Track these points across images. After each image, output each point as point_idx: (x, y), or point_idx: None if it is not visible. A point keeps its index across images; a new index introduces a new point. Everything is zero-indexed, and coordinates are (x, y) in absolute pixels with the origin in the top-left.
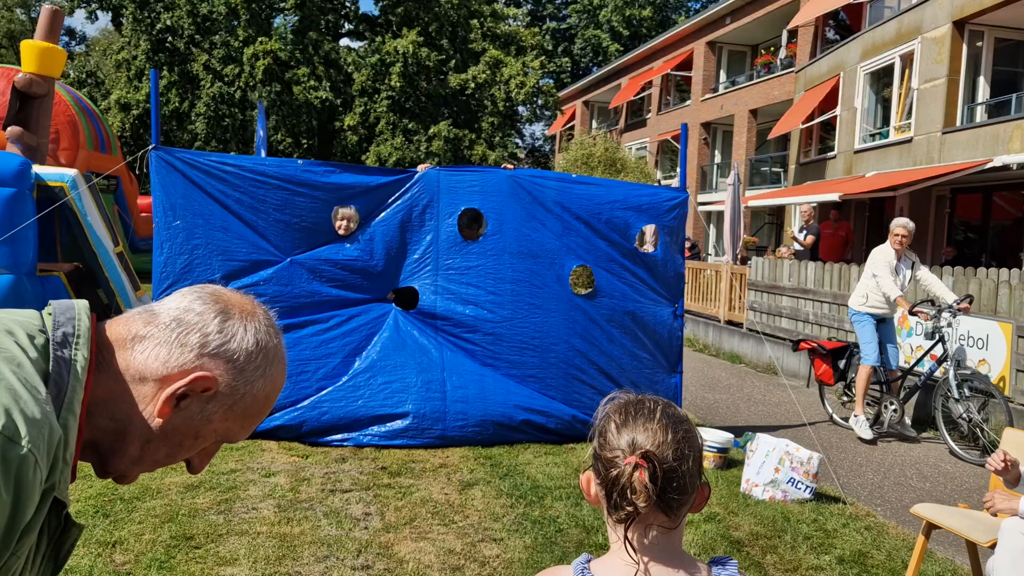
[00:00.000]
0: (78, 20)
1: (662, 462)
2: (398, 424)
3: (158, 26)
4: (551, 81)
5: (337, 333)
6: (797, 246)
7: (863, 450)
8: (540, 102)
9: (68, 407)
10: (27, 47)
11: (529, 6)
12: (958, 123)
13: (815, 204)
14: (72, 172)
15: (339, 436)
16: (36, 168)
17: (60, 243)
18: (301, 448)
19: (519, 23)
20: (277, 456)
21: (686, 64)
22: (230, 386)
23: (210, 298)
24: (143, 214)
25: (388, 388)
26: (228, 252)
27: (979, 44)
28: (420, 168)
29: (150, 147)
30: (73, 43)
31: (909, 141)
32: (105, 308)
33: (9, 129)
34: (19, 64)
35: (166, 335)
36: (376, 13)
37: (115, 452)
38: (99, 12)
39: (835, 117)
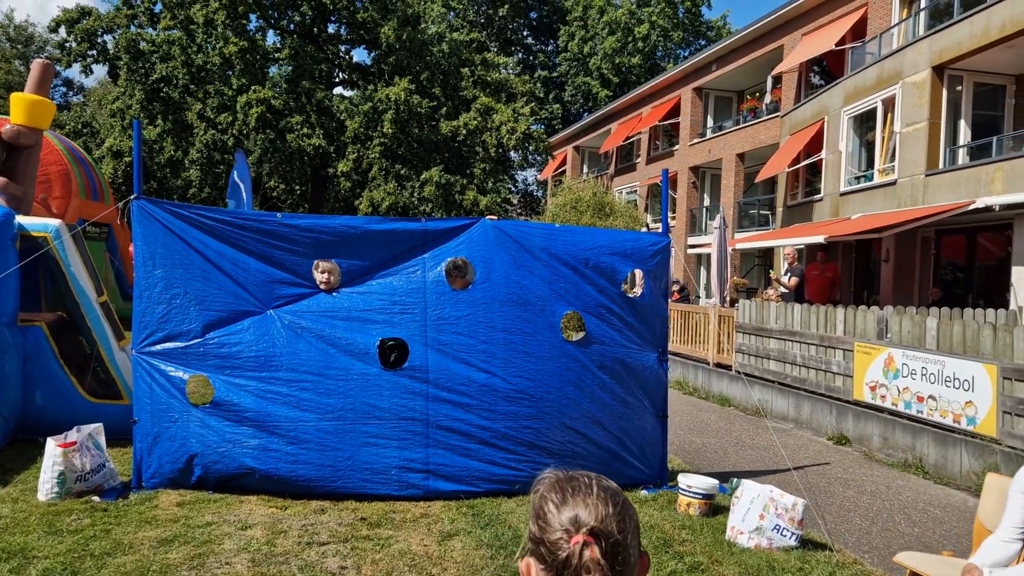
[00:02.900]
0: (76, 71)
1: (608, 536)
2: (378, 480)
3: (153, 76)
4: (542, 127)
5: (312, 394)
6: (783, 289)
7: (851, 495)
8: (531, 148)
9: None
10: (16, 99)
11: (520, 55)
12: (941, 165)
13: (801, 246)
14: (56, 222)
15: (314, 487)
16: (20, 218)
17: (44, 293)
18: (280, 500)
19: (510, 71)
20: (255, 507)
21: (674, 110)
22: None
23: None
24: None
25: (369, 444)
26: (206, 302)
27: (959, 88)
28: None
29: (132, 197)
30: (71, 94)
31: (893, 183)
32: (87, 357)
33: None
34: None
35: None
36: (369, 62)
37: None
38: (95, 65)
39: (820, 160)
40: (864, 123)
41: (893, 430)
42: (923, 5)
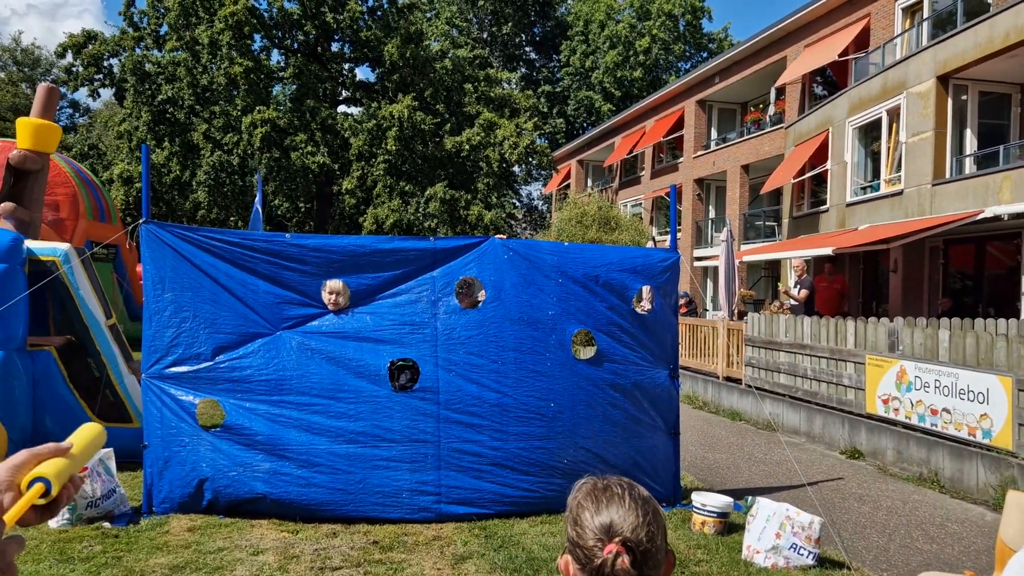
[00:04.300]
0: (82, 94)
1: (638, 545)
2: (390, 503)
3: (159, 97)
4: (545, 141)
5: (323, 417)
6: (792, 301)
7: (866, 511)
8: (534, 162)
9: None
10: (23, 124)
11: (523, 70)
12: (947, 175)
13: (809, 259)
14: (64, 246)
15: (326, 511)
16: (29, 243)
17: (52, 316)
18: (291, 524)
19: (513, 86)
20: (267, 532)
21: (678, 123)
22: None
23: None
24: (141, 282)
25: (381, 467)
26: (216, 325)
27: (964, 97)
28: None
29: (141, 221)
30: (76, 115)
31: (900, 193)
32: (96, 380)
33: (2, 205)
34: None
35: None
36: (372, 80)
37: None
38: (101, 89)
39: (826, 171)
40: (869, 133)
41: (907, 444)
42: (926, 15)
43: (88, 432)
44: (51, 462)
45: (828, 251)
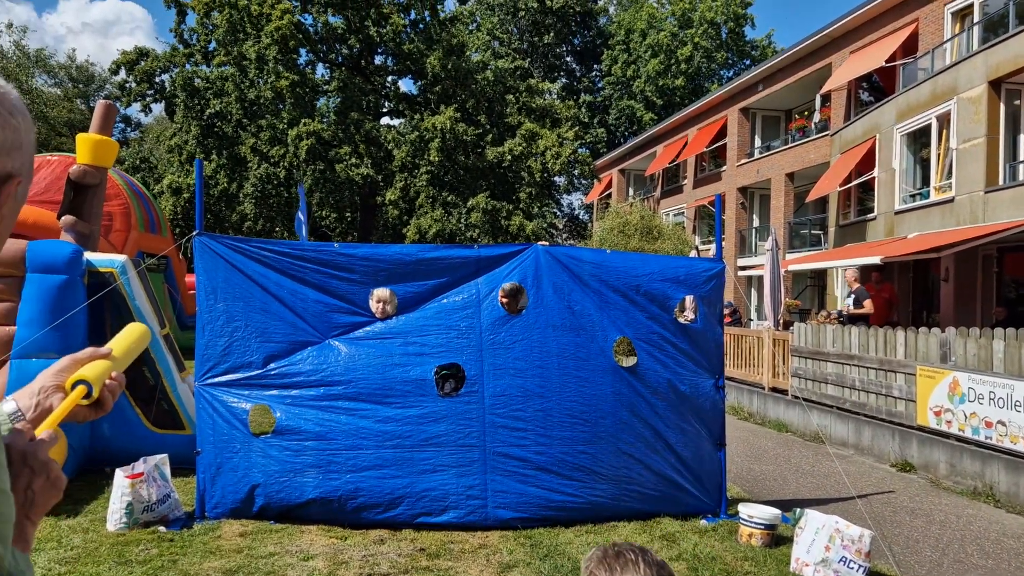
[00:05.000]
0: (134, 109)
1: None
2: (437, 508)
3: (208, 112)
4: (587, 151)
5: (371, 422)
6: (852, 307)
7: (919, 524)
8: (576, 172)
9: None
10: (82, 140)
11: (564, 80)
12: (1001, 182)
13: (858, 268)
14: (122, 258)
15: (375, 517)
16: (87, 254)
17: (109, 326)
18: (339, 530)
19: (554, 97)
20: (316, 538)
21: (721, 131)
22: None
23: None
24: (191, 292)
25: (428, 471)
26: (267, 333)
27: (1016, 102)
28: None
29: (194, 233)
30: (128, 130)
31: (951, 201)
32: (151, 388)
33: (63, 218)
34: (75, 152)
35: None
36: (415, 92)
37: None
38: (153, 104)
39: (873, 179)
40: (918, 140)
41: (960, 456)
42: (976, 19)
43: (128, 334)
44: (92, 365)
45: (876, 260)
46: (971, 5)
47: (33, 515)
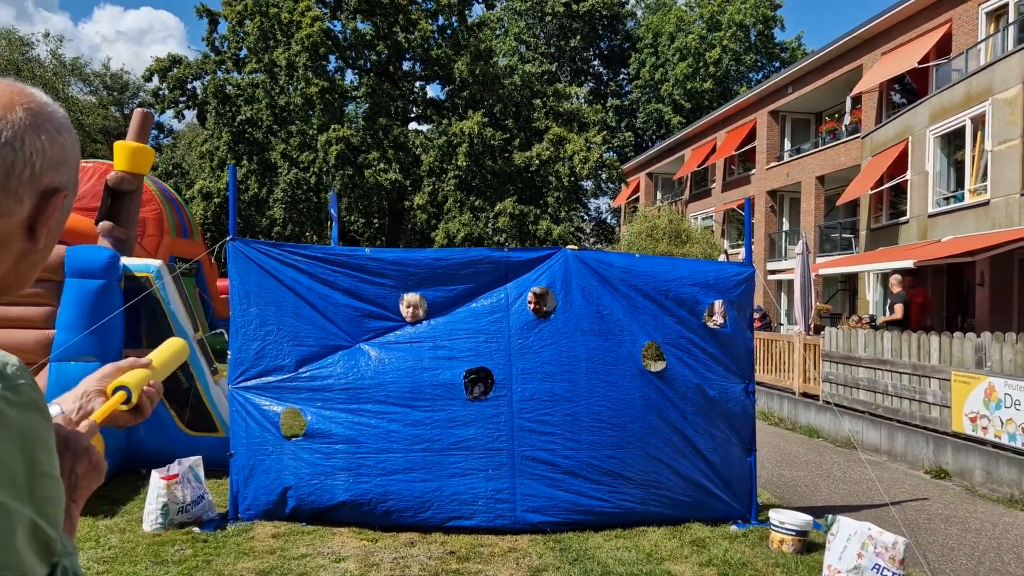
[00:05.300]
0: (167, 116)
1: None
2: (466, 511)
3: (239, 118)
4: (614, 155)
5: (400, 425)
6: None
7: (954, 532)
8: (604, 176)
9: None
10: (119, 147)
11: (591, 84)
12: None
13: (902, 273)
14: (157, 263)
15: (404, 520)
16: (124, 260)
17: (145, 330)
18: (370, 532)
19: (581, 101)
20: (347, 540)
21: (750, 134)
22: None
23: None
24: (222, 296)
25: (457, 475)
26: (299, 337)
27: None
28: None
29: (228, 239)
30: (161, 136)
31: (986, 204)
32: (185, 392)
33: (101, 224)
34: (112, 160)
35: None
36: (443, 97)
37: None
38: (185, 111)
39: (905, 181)
40: (952, 142)
41: (997, 463)
42: (1012, 19)
43: (168, 347)
44: (132, 372)
45: (909, 264)
46: (1006, 5)
47: (77, 498)
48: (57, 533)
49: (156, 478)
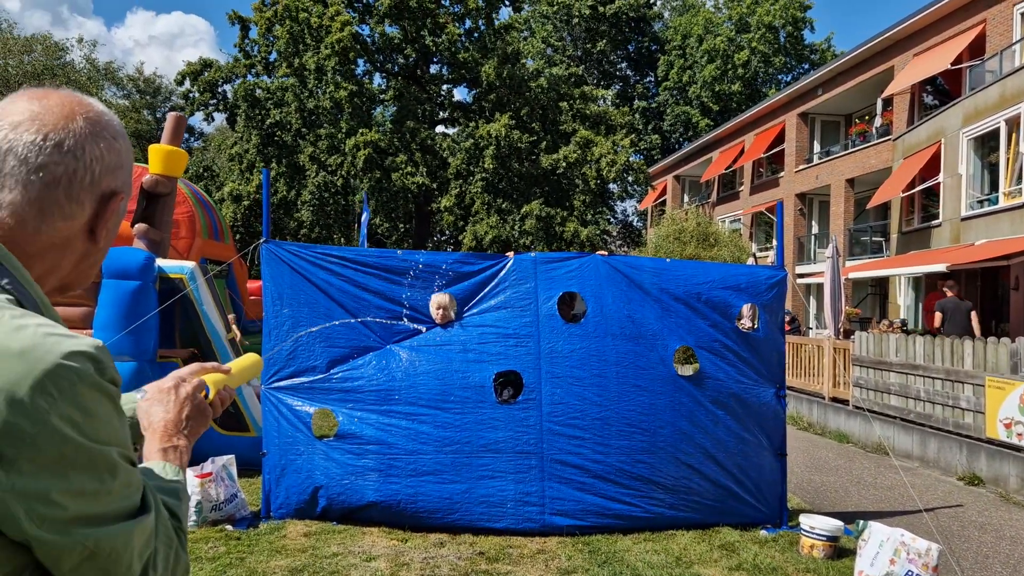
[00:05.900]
0: (197, 119)
1: None
2: (495, 513)
3: (268, 121)
4: (641, 158)
5: (430, 427)
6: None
7: (988, 540)
8: (631, 179)
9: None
10: (154, 151)
11: (618, 87)
12: None
13: (920, 275)
14: (191, 264)
15: (434, 521)
16: (158, 261)
17: (179, 330)
18: (400, 532)
19: (608, 103)
20: (377, 539)
21: (779, 137)
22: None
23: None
24: (252, 297)
25: (487, 477)
26: (331, 339)
27: None
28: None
29: (261, 241)
30: (191, 139)
31: (1022, 207)
32: None
33: (136, 226)
34: (146, 163)
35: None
36: (470, 100)
37: None
38: (215, 114)
39: (938, 184)
40: (986, 144)
41: None
42: None
43: (246, 359)
44: (213, 374)
45: (942, 267)
46: None
47: (190, 436)
48: (158, 515)
49: (190, 476)
